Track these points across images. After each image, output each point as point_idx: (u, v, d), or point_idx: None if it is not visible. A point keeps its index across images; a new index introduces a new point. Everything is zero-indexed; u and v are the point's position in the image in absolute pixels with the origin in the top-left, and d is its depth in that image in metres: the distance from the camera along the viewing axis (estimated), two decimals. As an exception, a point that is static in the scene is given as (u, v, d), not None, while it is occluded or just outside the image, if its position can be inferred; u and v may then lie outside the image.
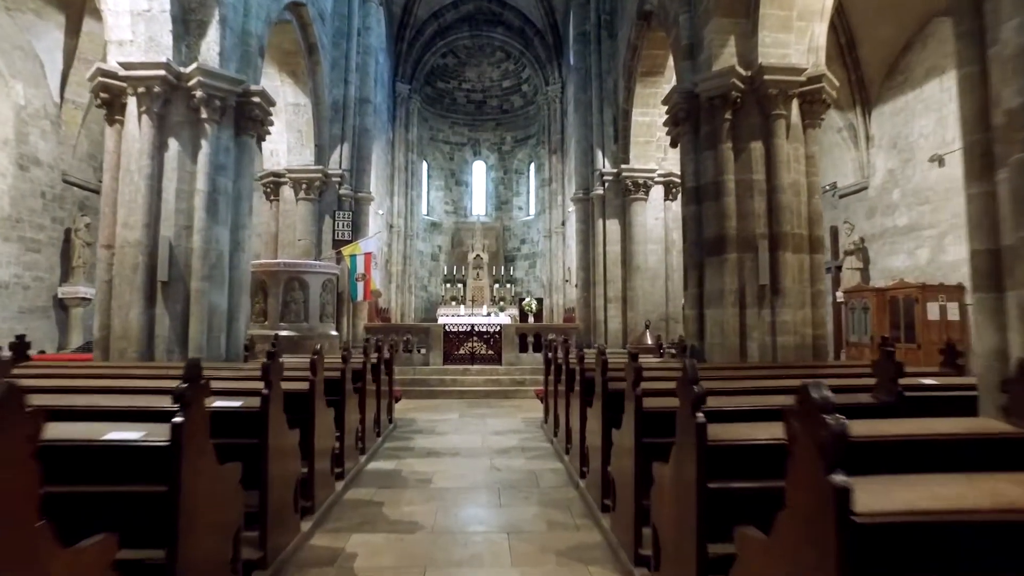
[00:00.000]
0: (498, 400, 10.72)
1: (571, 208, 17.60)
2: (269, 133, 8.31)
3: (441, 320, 14.16)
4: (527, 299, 12.80)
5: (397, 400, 8.67)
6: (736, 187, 7.04)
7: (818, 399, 1.53)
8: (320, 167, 11.81)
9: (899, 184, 12.10)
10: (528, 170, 24.08)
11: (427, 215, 23.18)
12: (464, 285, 20.80)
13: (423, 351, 12.30)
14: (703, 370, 4.09)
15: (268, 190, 12.12)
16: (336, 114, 12.39)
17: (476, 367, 11.99)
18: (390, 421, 7.86)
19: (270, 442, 3.30)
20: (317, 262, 10.55)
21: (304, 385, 4.24)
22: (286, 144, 11.96)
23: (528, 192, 24.02)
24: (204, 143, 6.65)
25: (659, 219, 12.47)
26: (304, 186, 11.75)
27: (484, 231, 22.47)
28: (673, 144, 8.74)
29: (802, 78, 6.93)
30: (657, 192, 12.47)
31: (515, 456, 6.22)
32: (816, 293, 6.94)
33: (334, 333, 10.87)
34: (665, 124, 8.75)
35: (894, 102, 12.19)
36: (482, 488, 5.01)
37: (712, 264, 7.18)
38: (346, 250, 11.43)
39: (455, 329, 12.47)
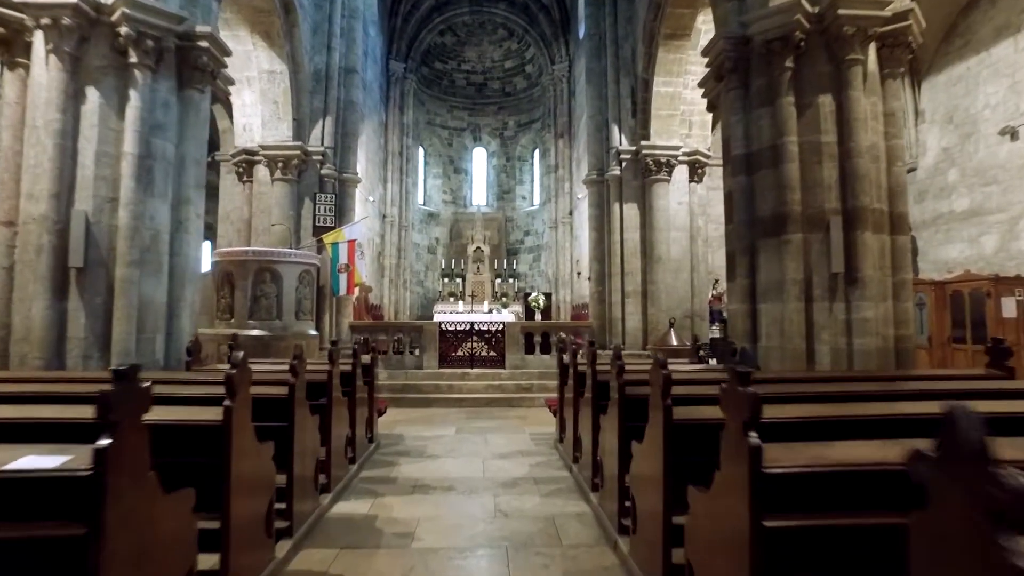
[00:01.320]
0: (501, 410, 9.41)
1: (580, 195, 16.28)
2: (227, 92, 6.98)
3: (437, 317, 12.85)
4: (533, 294, 11.48)
5: (381, 413, 7.38)
6: (800, 151, 5.71)
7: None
8: (299, 143, 10.49)
9: (956, 163, 10.75)
10: (532, 157, 22.73)
11: (424, 205, 21.86)
12: (463, 280, 19.49)
13: (416, 352, 11.01)
14: (760, 383, 3.18)
15: (240, 170, 10.81)
16: (318, 84, 11.06)
17: (476, 371, 10.69)
18: (370, 440, 6.56)
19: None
20: (293, 250, 9.25)
21: (216, 414, 2.91)
22: (260, 118, 10.64)
23: (532, 180, 22.67)
24: (134, 95, 5.32)
25: (683, 203, 11.14)
26: (281, 165, 10.43)
27: (485, 222, 21.13)
28: (710, 107, 7.41)
29: (885, 13, 5.59)
30: (681, 173, 11.14)
31: (526, 492, 4.91)
32: (899, 283, 5.62)
33: (313, 332, 9.58)
34: (701, 84, 7.41)
35: (951, 70, 10.83)
36: (483, 547, 3.70)
37: (768, 248, 5.86)
38: (327, 237, 10.12)
39: (452, 327, 11.17)
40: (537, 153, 22.36)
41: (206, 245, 10.74)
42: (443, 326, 11.12)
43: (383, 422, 8.07)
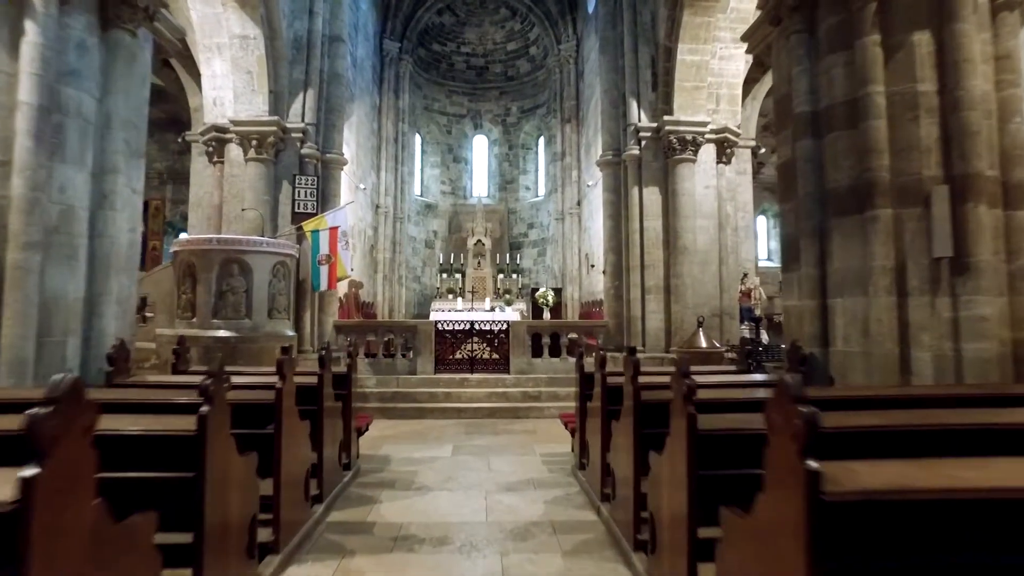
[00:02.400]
0: (506, 422, 8.25)
1: (591, 182, 15.09)
2: (177, 45, 5.81)
3: (434, 316, 11.68)
4: (542, 289, 10.27)
5: (362, 432, 6.22)
6: (888, 105, 4.53)
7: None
8: (276, 118, 9.31)
9: None
10: (536, 145, 21.54)
11: (421, 196, 20.67)
12: (463, 276, 18.31)
13: (409, 355, 9.85)
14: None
15: (210, 149, 9.65)
16: (298, 54, 9.89)
17: (476, 376, 9.53)
18: (346, 467, 5.39)
19: None
20: (265, 239, 8.08)
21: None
22: (232, 90, 9.47)
23: (536, 170, 21.47)
24: (31, 28, 4.15)
25: (710, 187, 9.97)
26: (255, 143, 9.26)
27: (486, 214, 19.92)
28: (759, 62, 6.23)
29: (1003, -79, 4.41)
30: (707, 153, 9.97)
31: (543, 547, 3.74)
32: (1017, 271, 4.44)
33: (290, 333, 8.42)
34: (746, 36, 6.23)
35: None
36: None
37: (845, 228, 4.69)
38: (308, 225, 8.96)
39: (450, 327, 10.01)
40: (542, 141, 21.16)
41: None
42: (440, 325, 9.96)
43: (368, 439, 6.91)
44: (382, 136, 17.55)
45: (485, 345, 10.11)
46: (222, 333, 7.55)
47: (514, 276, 18.66)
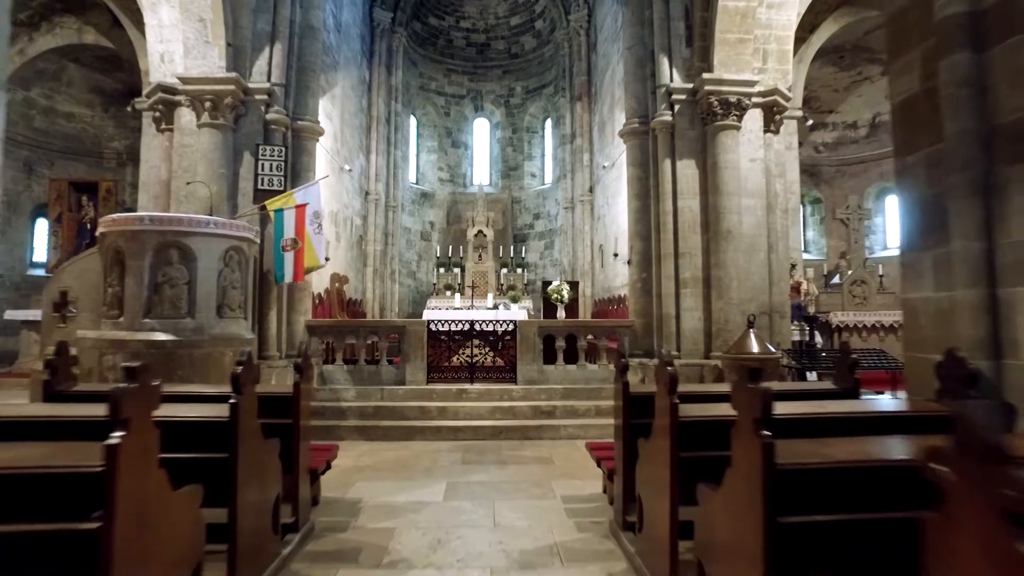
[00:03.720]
0: (514, 446, 6.75)
1: (606, 164, 13.58)
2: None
3: (428, 315, 10.18)
4: (555, 283, 8.71)
5: (322, 471, 4.71)
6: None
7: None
8: (234, 75, 7.80)
9: None
10: (543, 128, 20.01)
11: (416, 183, 19.15)
12: (462, 271, 16.79)
13: (394, 362, 8.36)
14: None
15: (158, 114, 8.13)
16: (264, 1, 8.37)
17: (477, 387, 8.04)
18: (291, 528, 3.85)
19: None
20: (214, 218, 6.55)
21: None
22: (183, 43, 7.95)
23: (543, 155, 19.94)
24: None
25: (756, 161, 8.44)
26: (209, 105, 7.75)
27: (488, 204, 18.33)
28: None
29: None
30: (753, 120, 8.44)
31: None
32: None
33: (248, 335, 6.91)
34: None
35: None
36: None
37: (1031, 180, 3.16)
38: (272, 203, 7.44)
39: (446, 328, 8.51)
40: (549, 123, 19.63)
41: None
42: (434, 326, 8.45)
43: (337, 474, 5.42)
44: (372, 115, 16.02)
45: (487, 349, 8.61)
46: (157, 336, 6.04)
47: (519, 271, 17.15)
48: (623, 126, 9.14)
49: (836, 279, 11.45)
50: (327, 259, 8.68)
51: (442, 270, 17.05)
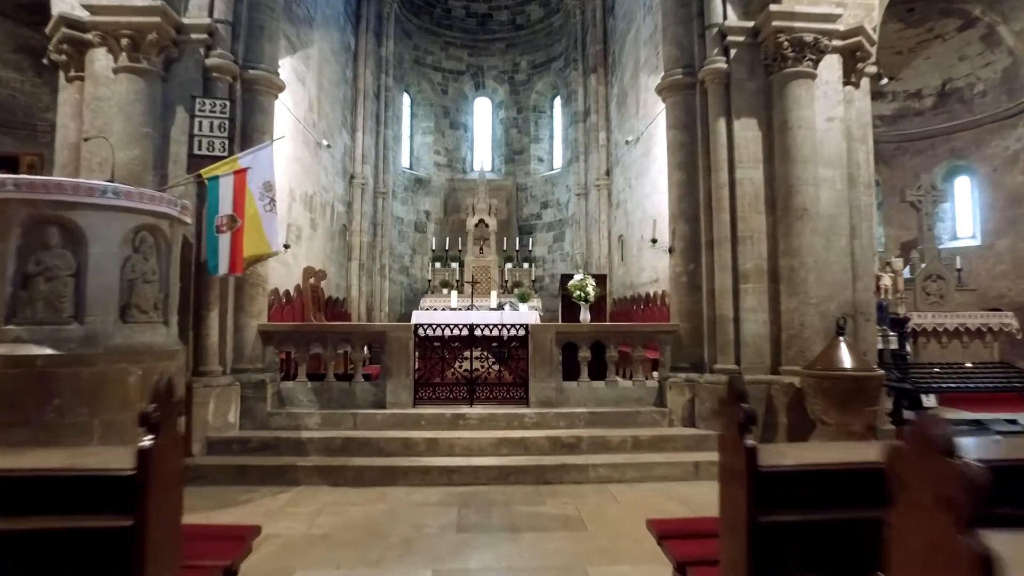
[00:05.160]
0: (528, 498, 5.04)
1: (629, 138, 11.86)
2: None
3: (418, 317, 8.50)
4: (578, 276, 6.98)
5: (234, 570, 3.01)
6: None
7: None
8: (161, 3, 6.08)
9: None
10: (551, 107, 18.31)
11: (409, 168, 17.46)
12: (461, 265, 15.09)
13: (372, 377, 6.70)
14: None
15: (64, 57, 6.42)
16: (206, -83, 6.65)
17: (477, 411, 6.37)
18: None
19: None
20: (115, 185, 4.84)
21: None
22: (99, -34, 6.24)
23: (551, 137, 18.25)
24: None
25: (835, 120, 6.73)
26: (128, 44, 6.05)
27: (490, 191, 16.57)
28: None
29: None
30: (830, 69, 6.73)
31: None
32: None
33: (172, 346, 5.22)
34: None
35: None
36: None
37: None
38: (210, 171, 5.73)
39: (440, 332, 6.83)
40: (558, 101, 17.93)
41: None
42: (423, 331, 6.76)
43: (270, 555, 3.74)
44: (358, 88, 14.31)
45: (491, 361, 6.92)
46: (24, 349, 4.35)
47: (525, 265, 15.45)
48: (662, 79, 7.41)
49: (905, 273, 9.73)
50: (286, 246, 7.00)
51: (438, 265, 15.35)
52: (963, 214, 12.07)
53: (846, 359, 5.48)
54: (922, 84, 11.93)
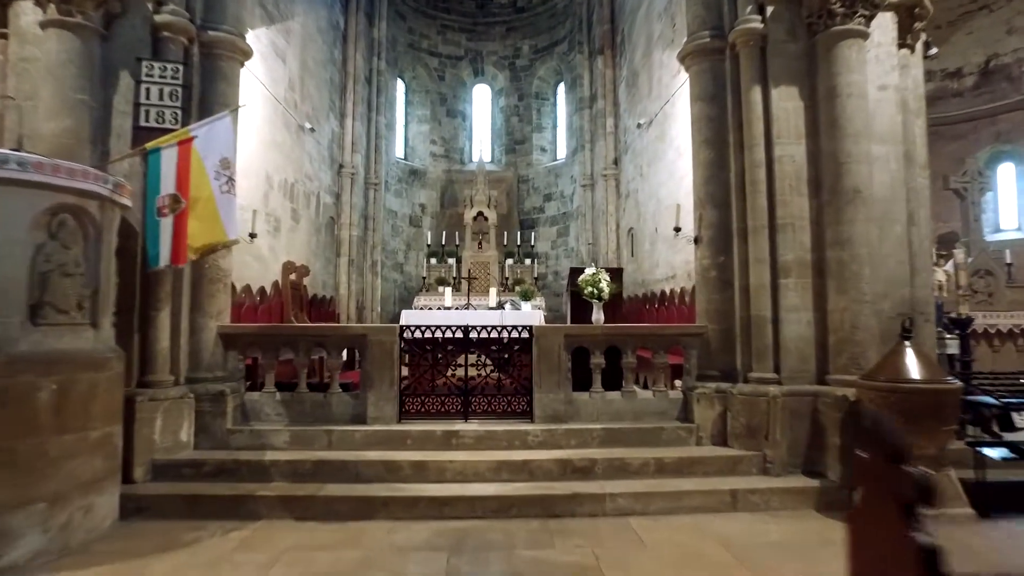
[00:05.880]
0: (533, 538, 4.15)
1: (642, 120, 10.97)
2: None
3: (407, 319, 7.63)
4: (590, 270, 6.08)
5: None
6: None
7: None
8: (100, -50, 5.20)
9: None
10: (554, 93, 17.44)
11: (404, 158, 16.59)
12: (458, 262, 14.21)
13: (352, 387, 5.84)
14: None
15: (-11, 15, 5.54)
16: None
17: (473, 428, 5.50)
18: None
19: None
20: (21, 155, 3.96)
21: None
22: (30, -93, 5.35)
23: (555, 126, 17.38)
24: None
25: (888, 89, 5.83)
26: (62, -3, 5.16)
27: (490, 183, 15.70)
28: None
29: None
30: (882, 30, 5.82)
31: None
32: None
33: (104, 352, 4.36)
34: None
35: None
36: None
37: None
38: (153, 144, 4.85)
39: (430, 335, 5.95)
40: (562, 87, 17.05)
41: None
42: (410, 333, 5.89)
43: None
44: (348, 72, 13.44)
45: (490, 368, 6.04)
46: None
47: (527, 262, 14.57)
48: (684, 44, 6.51)
49: (949, 267, 8.83)
50: (252, 235, 6.11)
51: (433, 260, 14.47)
52: (1007, 205, 11.16)
53: (914, 368, 4.58)
54: (963, 62, 11.03)
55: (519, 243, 14.83)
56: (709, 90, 6.31)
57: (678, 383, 6.34)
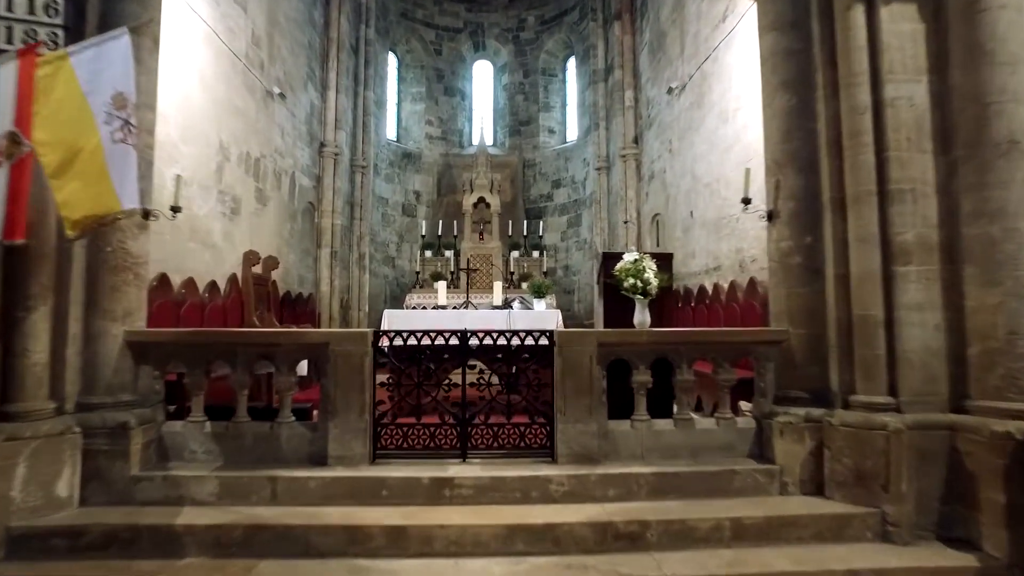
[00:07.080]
0: None
1: (674, 84, 9.45)
2: None
3: (391, 319, 6.14)
4: (630, 256, 4.62)
5: None
6: None
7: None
8: None
9: None
10: (564, 69, 15.93)
11: (396, 140, 15.08)
12: (456, 254, 12.71)
13: (309, 416, 4.35)
14: None
15: None
16: None
17: (474, 472, 3.99)
18: None
19: None
20: None
21: None
22: None
23: (564, 104, 15.87)
24: None
25: (1036, 8, 4.28)
26: None
27: (492, 168, 14.14)
28: None
29: None
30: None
31: None
32: None
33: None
34: None
35: None
36: None
37: None
38: None
39: (415, 342, 4.45)
40: (572, 62, 15.55)
41: None
42: (388, 341, 4.40)
43: None
44: (331, 37, 11.92)
45: (497, 387, 4.53)
46: None
47: (534, 254, 13.07)
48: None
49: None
50: (175, 209, 4.62)
51: (429, 253, 12.96)
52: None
53: None
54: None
55: (525, 234, 13.32)
56: (786, 15, 4.79)
57: (743, 405, 4.87)
